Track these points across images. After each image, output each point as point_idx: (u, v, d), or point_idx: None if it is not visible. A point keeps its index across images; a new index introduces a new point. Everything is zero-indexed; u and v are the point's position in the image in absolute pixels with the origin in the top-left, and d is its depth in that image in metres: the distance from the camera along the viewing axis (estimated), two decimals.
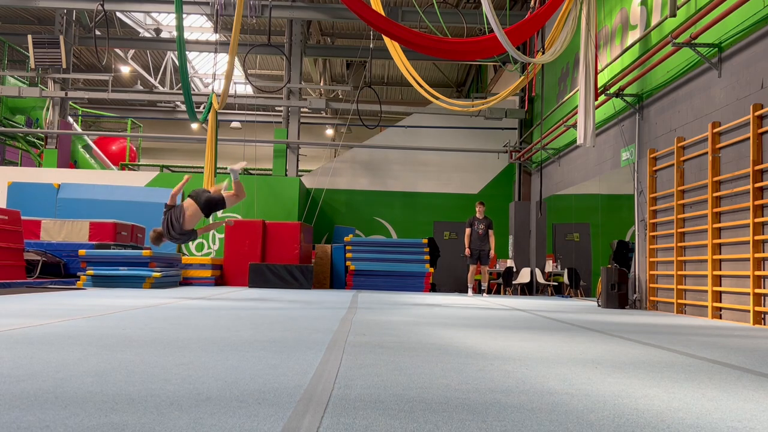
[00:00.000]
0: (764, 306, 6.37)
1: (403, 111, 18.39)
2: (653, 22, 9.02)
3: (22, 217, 10.84)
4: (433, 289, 14.55)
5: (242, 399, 2.13)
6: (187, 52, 15.85)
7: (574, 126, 10.89)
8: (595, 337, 4.74)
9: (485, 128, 17.19)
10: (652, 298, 8.99)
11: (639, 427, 1.93)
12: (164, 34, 19.88)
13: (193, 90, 22.63)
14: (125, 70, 22.24)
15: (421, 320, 5.80)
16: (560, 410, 2.12)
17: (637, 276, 9.47)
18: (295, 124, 16.61)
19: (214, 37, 17.02)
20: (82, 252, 11.02)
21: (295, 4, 15.45)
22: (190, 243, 15.87)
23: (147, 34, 19.71)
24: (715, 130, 7.33)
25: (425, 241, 14.31)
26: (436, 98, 13.36)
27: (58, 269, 11.60)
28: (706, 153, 7.48)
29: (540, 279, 14.79)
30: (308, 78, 21.91)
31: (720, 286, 7.21)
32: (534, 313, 7.33)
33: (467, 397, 2.28)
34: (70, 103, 18.15)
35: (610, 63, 10.45)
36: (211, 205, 8.09)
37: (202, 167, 14.71)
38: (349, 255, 14.11)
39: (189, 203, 8.00)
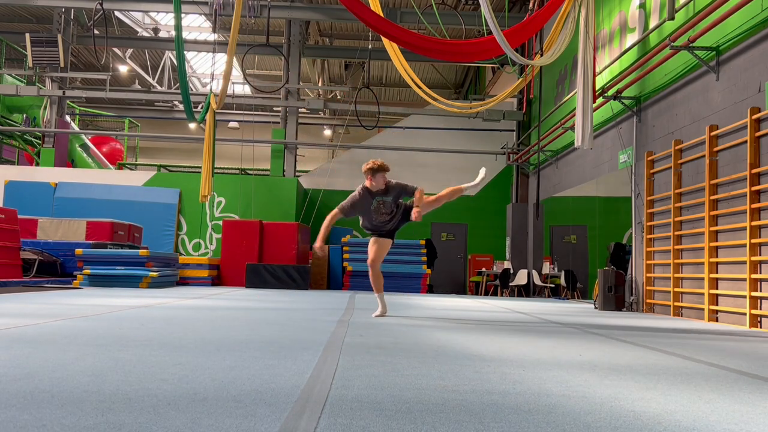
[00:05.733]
0: (761, 309, 6.38)
1: (402, 112, 18.39)
2: (651, 25, 9.03)
3: (19, 216, 10.81)
4: (431, 290, 14.54)
5: (239, 399, 2.13)
6: (185, 52, 15.82)
7: (572, 128, 10.91)
8: (592, 339, 4.74)
9: (483, 130, 17.20)
10: (648, 301, 9.00)
11: (636, 430, 1.93)
12: (162, 34, 19.87)
13: (191, 90, 22.61)
14: (123, 69, 22.22)
15: (419, 322, 5.80)
16: (557, 412, 2.12)
17: (634, 278, 9.48)
18: (293, 125, 16.59)
19: (212, 36, 16.99)
20: (78, 251, 11.00)
21: (293, 5, 15.45)
22: (188, 243, 15.87)
23: (145, 34, 19.69)
24: (713, 133, 7.35)
25: (423, 242, 14.31)
26: (435, 100, 13.36)
27: (54, 268, 11.56)
28: (704, 156, 7.49)
29: (537, 281, 14.80)
30: (306, 78, 21.91)
31: (717, 288, 7.23)
32: (531, 315, 7.33)
33: (464, 399, 2.28)
34: (68, 102, 18.12)
35: (609, 65, 10.47)
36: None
37: (200, 167, 14.70)
38: (346, 256, 14.11)
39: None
